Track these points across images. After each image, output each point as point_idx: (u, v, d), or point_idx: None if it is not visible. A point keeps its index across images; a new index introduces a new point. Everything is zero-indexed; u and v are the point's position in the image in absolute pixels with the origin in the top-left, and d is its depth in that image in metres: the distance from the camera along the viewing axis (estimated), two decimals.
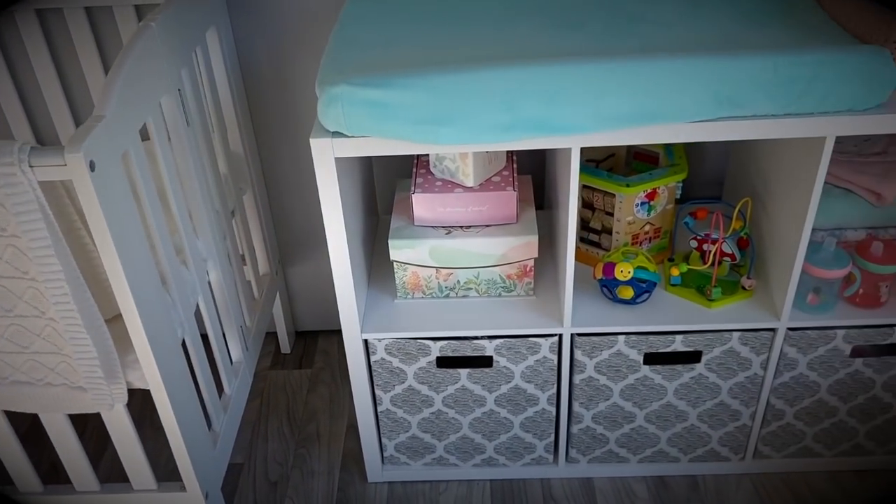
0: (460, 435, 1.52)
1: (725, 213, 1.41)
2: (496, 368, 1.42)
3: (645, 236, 1.47)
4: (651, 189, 1.41)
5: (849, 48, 1.10)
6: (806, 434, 1.51)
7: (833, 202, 1.38)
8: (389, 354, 1.41)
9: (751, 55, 1.09)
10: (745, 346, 1.38)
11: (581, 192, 1.47)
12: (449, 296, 1.44)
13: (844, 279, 1.33)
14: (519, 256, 1.38)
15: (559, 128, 1.12)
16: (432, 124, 1.10)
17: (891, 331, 1.36)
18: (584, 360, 1.41)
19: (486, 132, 1.11)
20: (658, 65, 1.09)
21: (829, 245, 1.31)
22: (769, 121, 1.12)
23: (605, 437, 1.52)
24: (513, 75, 1.09)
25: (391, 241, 1.37)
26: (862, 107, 1.11)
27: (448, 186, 1.37)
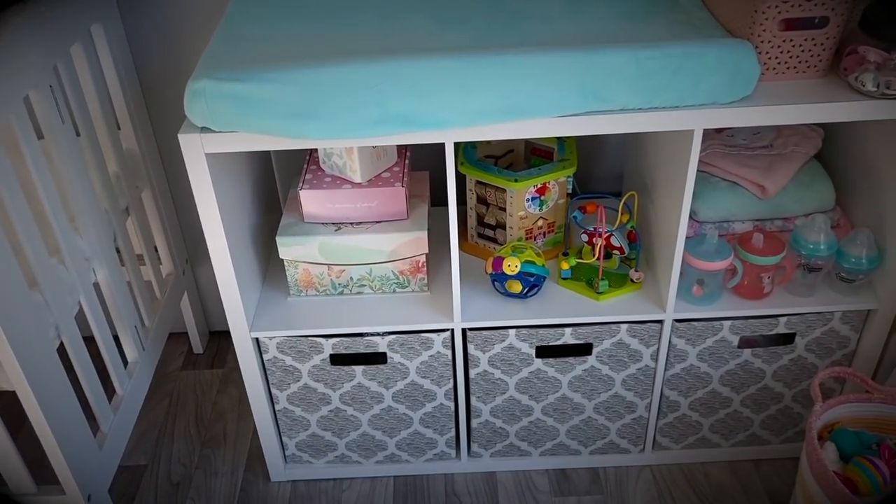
0: (360, 432, 1.52)
1: (613, 207, 1.43)
2: (391, 365, 1.42)
3: (539, 231, 1.48)
4: (541, 184, 1.42)
5: (711, 42, 1.12)
6: (702, 425, 1.53)
7: (720, 195, 1.40)
8: (282, 353, 1.40)
9: (613, 50, 1.10)
10: (634, 337, 1.39)
11: (475, 187, 1.47)
12: (343, 293, 1.43)
13: (728, 271, 1.35)
14: (409, 252, 1.38)
15: (430, 122, 1.12)
16: (299, 119, 1.10)
17: (776, 321, 1.38)
18: (477, 354, 1.41)
19: (356, 127, 1.11)
20: (523, 60, 1.10)
21: (711, 237, 1.32)
22: (636, 114, 1.13)
23: (505, 430, 1.53)
24: (380, 70, 1.09)
25: (279, 239, 1.36)
26: (727, 99, 1.13)
27: (337, 182, 1.36)
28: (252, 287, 1.41)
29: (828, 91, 1.15)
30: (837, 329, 1.40)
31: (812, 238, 1.31)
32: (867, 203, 1.38)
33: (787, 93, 1.15)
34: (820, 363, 1.44)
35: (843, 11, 1.12)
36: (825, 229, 1.31)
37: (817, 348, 1.42)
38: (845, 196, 1.45)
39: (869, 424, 1.33)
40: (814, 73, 1.18)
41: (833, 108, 1.13)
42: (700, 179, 1.43)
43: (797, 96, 1.14)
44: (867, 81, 1.12)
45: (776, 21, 1.12)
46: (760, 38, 1.14)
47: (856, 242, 1.32)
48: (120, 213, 1.46)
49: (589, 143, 1.66)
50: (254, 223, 1.43)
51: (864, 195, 1.39)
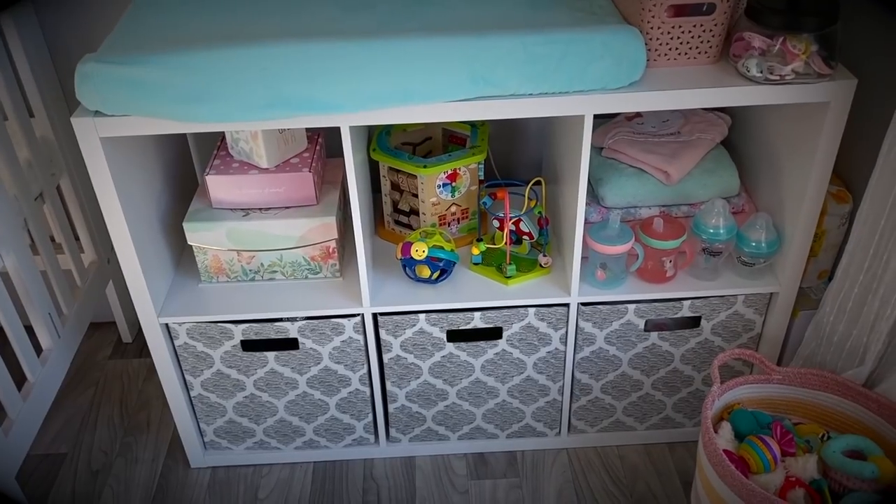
0: (277, 418, 1.53)
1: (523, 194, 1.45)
2: (303, 350, 1.43)
3: (452, 217, 1.50)
4: (451, 170, 1.43)
5: (598, 28, 1.13)
6: (616, 408, 1.56)
7: (626, 181, 1.42)
8: (192, 339, 1.41)
9: (501, 35, 1.11)
10: (543, 321, 1.41)
11: (388, 174, 1.48)
12: (254, 279, 1.44)
13: (630, 255, 1.37)
14: (319, 238, 1.39)
15: (322, 106, 1.13)
16: (189, 102, 1.10)
17: (679, 304, 1.41)
18: (389, 339, 1.43)
19: (246, 110, 1.12)
20: (414, 45, 1.11)
21: (613, 222, 1.35)
22: (526, 100, 1.15)
23: (422, 415, 1.55)
24: (269, 53, 1.10)
25: (186, 224, 1.37)
26: (615, 85, 1.15)
27: (244, 168, 1.37)
28: (162, 273, 1.41)
29: (716, 76, 1.18)
30: (741, 312, 1.43)
31: (712, 222, 1.34)
32: (769, 188, 1.41)
33: (677, 78, 1.17)
34: (726, 346, 1.47)
35: None
36: (724, 213, 1.34)
37: (723, 331, 1.45)
38: (751, 182, 1.48)
39: (768, 405, 1.37)
40: (705, 59, 1.21)
41: (719, 93, 1.15)
42: (607, 166, 1.45)
43: (686, 82, 1.16)
44: (751, 67, 1.14)
45: (664, 7, 1.14)
46: (650, 24, 1.16)
47: (755, 227, 1.35)
48: (31, 200, 1.46)
49: (510, 130, 1.68)
50: (166, 208, 1.43)
51: (766, 181, 1.42)
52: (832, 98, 1.16)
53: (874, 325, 1.23)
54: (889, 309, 1.19)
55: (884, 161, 1.15)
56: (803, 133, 1.27)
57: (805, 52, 1.12)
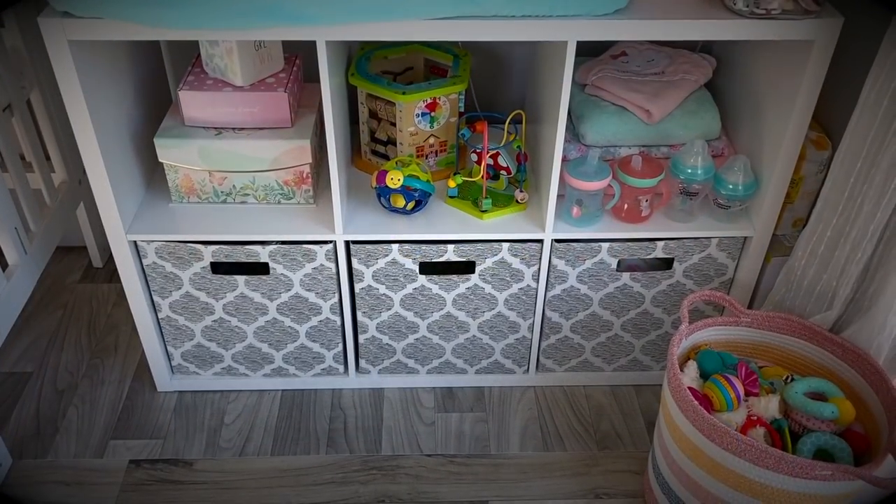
0: (246, 344, 1.52)
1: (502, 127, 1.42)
2: (274, 276, 1.42)
3: (430, 149, 1.48)
4: (430, 99, 1.40)
5: None
6: (584, 348, 1.56)
7: (607, 119, 1.40)
8: (161, 258, 1.39)
9: None
10: (516, 256, 1.41)
11: (367, 101, 1.45)
12: (226, 201, 1.42)
13: (606, 193, 1.37)
14: (292, 161, 1.36)
15: (297, 16, 1.10)
16: (159, 5, 1.07)
17: (653, 245, 1.40)
18: (361, 268, 1.41)
19: (217, 17, 1.08)
20: None
21: (591, 159, 1.33)
22: (508, 21, 1.12)
23: (392, 347, 1.54)
24: None
25: (157, 140, 1.34)
26: (601, 11, 1.13)
27: (218, 85, 1.34)
28: (132, 190, 1.38)
29: (702, 9, 1.15)
30: (714, 256, 1.43)
31: (690, 162, 1.33)
32: (750, 132, 1.40)
33: (663, 8, 1.15)
34: (698, 289, 1.48)
35: None
36: (703, 154, 1.33)
37: (695, 275, 1.45)
38: (732, 125, 1.47)
39: (735, 347, 1.37)
40: None
41: (703, 26, 1.13)
42: (589, 103, 1.43)
43: (672, 12, 1.14)
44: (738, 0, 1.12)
45: None
46: None
47: (733, 169, 1.34)
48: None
49: (493, 62, 1.65)
50: (138, 124, 1.40)
51: (747, 124, 1.41)
52: (817, 36, 1.15)
53: (844, 268, 1.24)
54: (859, 253, 1.20)
55: (863, 102, 1.14)
56: (786, 74, 1.25)
57: None
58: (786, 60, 1.25)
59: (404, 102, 1.38)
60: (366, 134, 1.50)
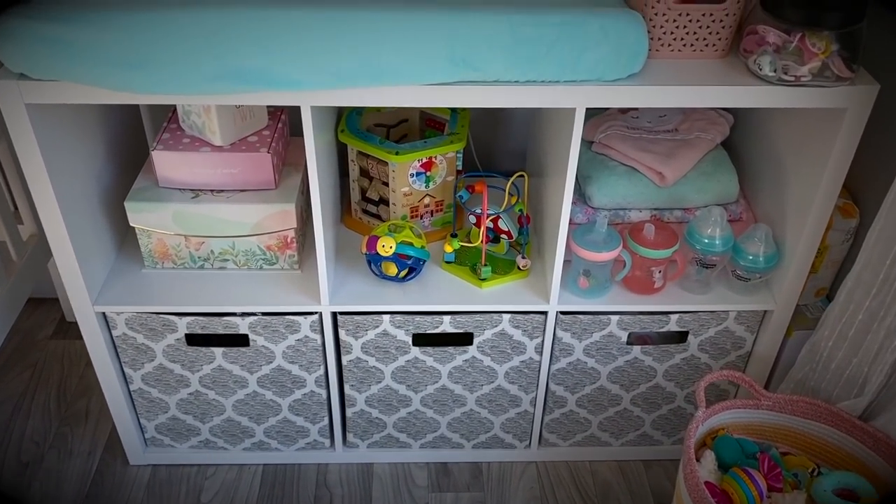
0: (225, 417, 1.41)
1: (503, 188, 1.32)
2: (254, 348, 1.30)
3: (425, 210, 1.37)
4: (426, 158, 1.30)
5: (596, 11, 1.00)
6: (591, 422, 1.45)
7: (616, 181, 1.30)
8: (132, 330, 1.28)
9: (486, 12, 0.98)
10: (518, 328, 1.30)
11: (357, 158, 1.35)
12: (203, 267, 1.31)
13: (616, 262, 1.26)
14: (276, 226, 1.26)
15: (279, 82, 0.99)
16: (125, 69, 0.96)
17: (667, 318, 1.30)
18: (349, 340, 1.30)
19: (189, 81, 0.98)
20: (386, 17, 0.97)
21: (600, 226, 1.23)
22: (511, 87, 1.02)
23: (383, 421, 1.43)
24: (219, 16, 0.96)
25: (127, 204, 1.23)
26: (612, 76, 1.02)
27: (195, 144, 1.23)
28: (101, 255, 1.27)
29: (724, 73, 1.05)
30: (732, 329, 1.32)
31: (707, 232, 1.22)
32: (771, 197, 1.30)
33: (681, 72, 1.05)
34: (714, 364, 1.37)
35: None
36: (721, 223, 1.22)
37: (711, 348, 1.35)
38: (751, 188, 1.37)
39: (756, 431, 1.26)
40: (712, 52, 1.08)
41: (727, 92, 1.03)
42: (597, 163, 1.33)
43: (690, 77, 1.04)
44: (764, 65, 1.02)
45: None
46: (654, 9, 1.03)
47: (754, 239, 1.24)
48: None
49: (493, 116, 1.55)
50: (109, 184, 1.29)
51: (768, 188, 1.31)
52: (851, 104, 1.04)
53: (877, 355, 1.13)
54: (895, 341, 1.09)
55: None
56: (814, 139, 1.15)
57: (825, 52, 1.00)
58: (814, 124, 1.15)
59: (398, 163, 1.28)
60: (356, 192, 1.39)
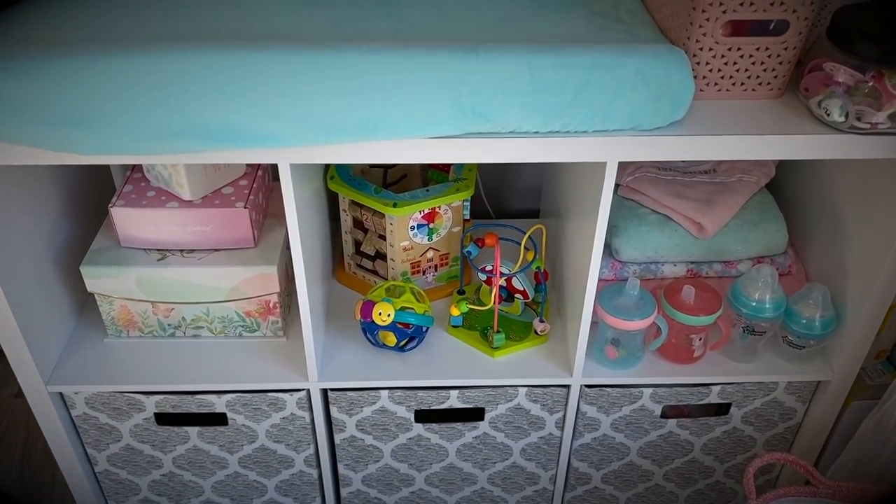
0: (204, 499, 1.24)
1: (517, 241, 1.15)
2: (233, 427, 1.14)
3: (428, 264, 1.20)
4: (428, 209, 1.13)
5: (631, 49, 0.83)
6: (618, 499, 1.28)
7: (647, 232, 1.13)
8: (93, 409, 1.11)
9: (499, 52, 0.81)
10: (536, 402, 1.13)
11: (350, 208, 1.18)
12: (175, 335, 1.14)
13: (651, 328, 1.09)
14: (256, 291, 1.09)
15: (250, 138, 0.82)
16: (66, 126, 0.80)
17: (707, 390, 1.13)
18: (342, 417, 1.14)
19: (144, 140, 0.81)
20: (375, 61, 0.80)
21: (631, 288, 1.06)
22: (530, 140, 0.85)
23: (382, 501, 1.26)
24: (176, 63, 0.79)
25: (83, 269, 1.06)
26: (650, 125, 0.85)
27: (161, 199, 1.06)
28: (57, 324, 1.11)
29: (783, 118, 0.88)
30: (781, 400, 1.15)
31: (755, 295, 1.05)
32: (825, 249, 1.13)
33: (731, 117, 0.88)
34: (759, 436, 1.20)
35: (807, 14, 0.85)
36: (772, 284, 1.05)
37: (756, 420, 1.18)
38: (801, 237, 1.20)
39: None
40: (767, 91, 0.91)
41: (787, 143, 0.86)
42: (625, 209, 1.16)
43: (743, 123, 0.87)
44: (833, 109, 0.85)
45: (720, 23, 0.85)
46: (699, 43, 0.86)
47: (808, 301, 1.07)
48: None
49: None
50: (67, 240, 1.13)
51: (822, 238, 1.14)
52: None
53: None
54: None
55: None
56: (881, 186, 0.98)
57: None
58: (881, 168, 0.98)
59: (396, 216, 1.11)
60: (350, 245, 1.22)
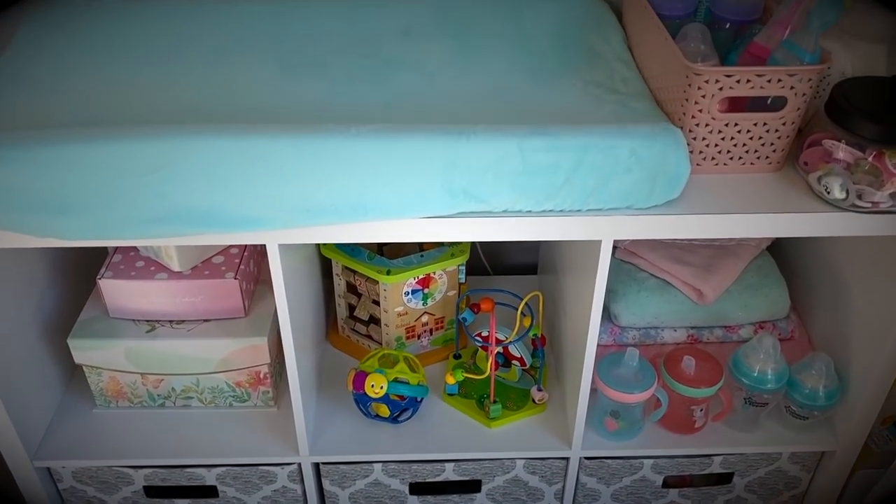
0: None
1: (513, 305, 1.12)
2: (224, 500, 1.11)
3: (423, 329, 1.18)
4: (423, 275, 1.12)
5: (627, 129, 0.82)
6: None
7: (647, 297, 1.11)
8: (81, 483, 1.09)
9: (489, 134, 0.79)
10: (534, 474, 1.10)
11: (343, 273, 1.17)
12: (164, 405, 1.12)
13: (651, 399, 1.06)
14: (246, 362, 1.07)
15: (237, 221, 0.81)
16: (47, 214, 0.78)
17: (709, 460, 1.10)
18: (335, 490, 1.11)
19: (128, 226, 0.80)
20: (364, 145, 0.79)
21: (630, 358, 1.03)
22: (523, 219, 0.83)
23: None
24: (161, 149, 0.78)
25: (71, 341, 1.04)
26: (646, 204, 0.84)
27: (150, 270, 1.04)
28: (45, 397, 1.09)
29: (782, 194, 0.86)
30: (785, 469, 1.12)
31: (757, 367, 1.03)
32: (829, 314, 1.11)
33: (729, 193, 0.86)
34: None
35: (804, 91, 0.83)
36: (774, 355, 1.03)
37: (760, 488, 1.15)
38: (803, 299, 1.17)
39: None
40: (765, 165, 0.89)
41: (787, 222, 0.84)
42: (623, 274, 1.14)
43: (742, 200, 0.85)
44: (833, 187, 0.83)
45: (716, 100, 0.83)
46: (695, 119, 0.85)
47: (811, 371, 1.04)
48: None
49: None
50: (55, 308, 1.11)
51: (826, 305, 1.12)
52: None
53: None
54: None
55: None
56: (884, 257, 0.96)
57: None
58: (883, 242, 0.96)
59: (390, 283, 1.10)
60: (343, 308, 1.20)
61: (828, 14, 0.81)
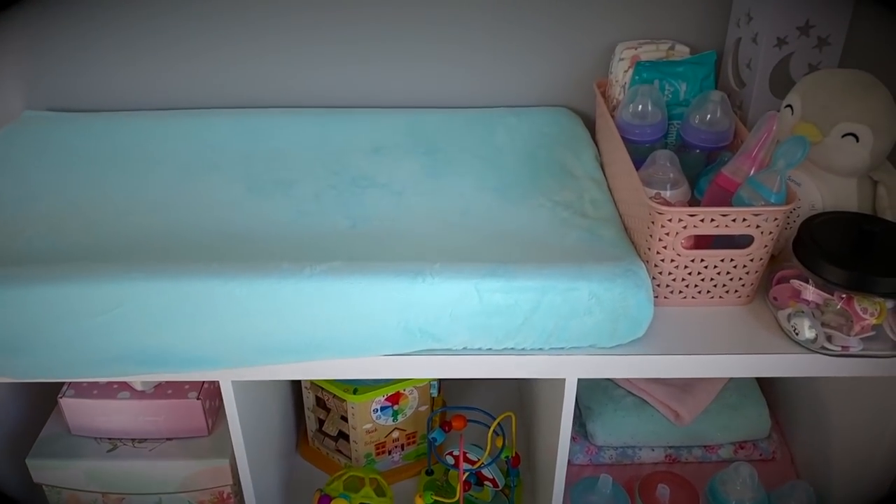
0: None
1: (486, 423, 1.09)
2: None
3: (394, 444, 1.15)
4: (392, 392, 1.09)
5: (588, 268, 0.80)
6: None
7: (623, 417, 1.08)
8: None
9: (445, 275, 0.78)
10: None
11: (312, 387, 1.14)
12: None
13: None
14: (208, 483, 1.04)
15: (192, 362, 0.79)
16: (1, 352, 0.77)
17: None
18: None
19: (82, 365, 0.78)
20: (319, 285, 0.78)
21: (603, 486, 1.00)
22: (483, 358, 0.81)
23: None
24: (112, 292, 0.76)
25: (29, 462, 1.02)
26: (610, 343, 0.82)
27: (112, 389, 1.02)
28: None
29: (750, 331, 0.84)
30: None
31: (734, 497, 0.99)
32: (811, 440, 1.07)
33: (696, 330, 0.84)
34: None
35: (771, 230, 0.82)
36: (751, 484, 0.99)
37: None
38: (785, 418, 1.14)
39: None
40: (734, 298, 0.87)
41: (756, 363, 0.82)
42: (599, 392, 1.12)
43: (710, 338, 0.83)
44: (802, 329, 0.81)
45: (680, 238, 0.82)
46: (660, 255, 0.83)
47: (791, 501, 1.00)
48: None
49: None
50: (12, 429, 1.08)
51: (807, 427, 1.08)
52: None
53: None
54: None
55: None
56: (868, 390, 0.93)
57: (879, 316, 0.79)
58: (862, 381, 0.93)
59: (357, 402, 1.07)
60: (313, 422, 1.17)
61: (793, 154, 0.80)
